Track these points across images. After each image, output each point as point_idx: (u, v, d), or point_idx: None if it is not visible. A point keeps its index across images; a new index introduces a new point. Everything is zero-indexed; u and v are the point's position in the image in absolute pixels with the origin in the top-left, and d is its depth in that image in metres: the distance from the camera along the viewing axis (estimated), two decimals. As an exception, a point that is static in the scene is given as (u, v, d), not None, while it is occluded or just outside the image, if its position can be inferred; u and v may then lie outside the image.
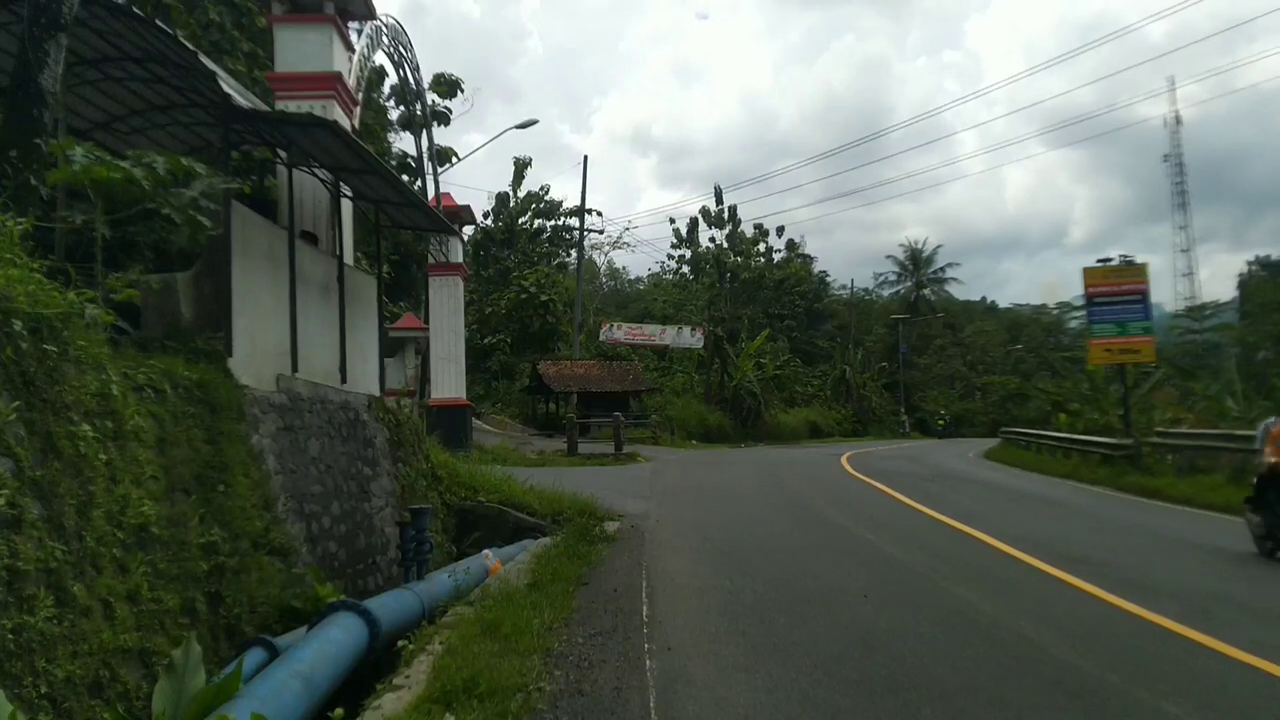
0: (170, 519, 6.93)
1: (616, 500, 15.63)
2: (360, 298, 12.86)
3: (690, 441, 41.83)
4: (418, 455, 13.62)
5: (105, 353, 6.79)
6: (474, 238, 55.27)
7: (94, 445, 6.20)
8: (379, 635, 7.26)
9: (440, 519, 13.68)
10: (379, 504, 11.50)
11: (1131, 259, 23.94)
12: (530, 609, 7.62)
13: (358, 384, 12.25)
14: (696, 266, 69.36)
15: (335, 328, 11.69)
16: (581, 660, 6.52)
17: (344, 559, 10.04)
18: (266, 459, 8.83)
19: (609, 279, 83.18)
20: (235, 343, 8.84)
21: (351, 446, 11.13)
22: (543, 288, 49.03)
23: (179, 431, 7.44)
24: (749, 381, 50.64)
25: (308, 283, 10.86)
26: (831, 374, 67.24)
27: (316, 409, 10.35)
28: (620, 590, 8.89)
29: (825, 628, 7.39)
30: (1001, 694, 5.70)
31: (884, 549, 11.14)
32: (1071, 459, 23.62)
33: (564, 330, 50.58)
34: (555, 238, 58.87)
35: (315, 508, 9.63)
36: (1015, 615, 7.72)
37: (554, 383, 42.93)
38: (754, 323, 63.28)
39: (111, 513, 6.21)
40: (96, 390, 6.43)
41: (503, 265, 54.42)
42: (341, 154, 10.26)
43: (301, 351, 10.33)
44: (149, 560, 6.50)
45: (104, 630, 5.81)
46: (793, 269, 73.71)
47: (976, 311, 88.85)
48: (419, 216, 13.29)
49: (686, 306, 64.64)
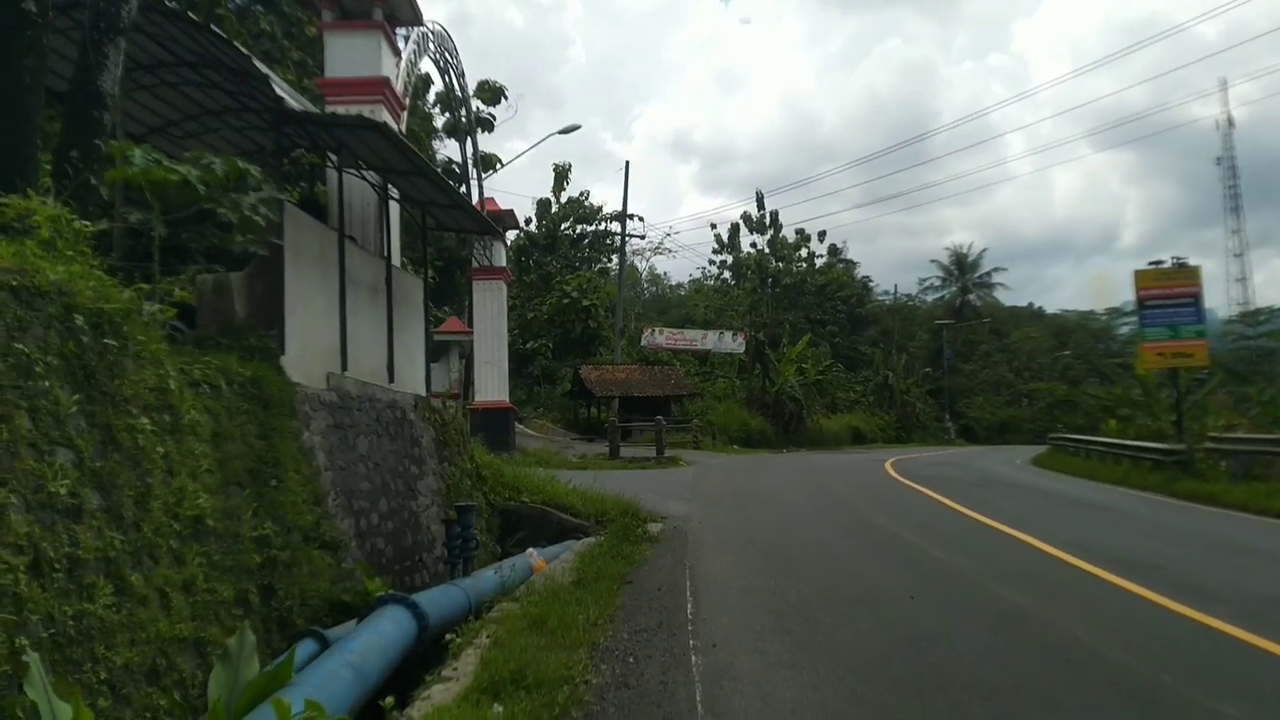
0: (225, 512, 7.06)
1: (659, 503, 15.65)
2: (407, 299, 13.03)
3: (732, 446, 41.71)
4: (463, 455, 13.75)
5: (163, 349, 6.95)
6: (516, 243, 55.66)
7: (152, 438, 6.35)
8: (427, 628, 7.34)
9: (484, 518, 13.78)
10: (425, 502, 11.62)
11: (1184, 261, 23.46)
12: (576, 605, 7.66)
13: (404, 384, 12.41)
14: (738, 272, 69.28)
15: (383, 328, 11.85)
16: (627, 655, 6.54)
17: (391, 555, 10.16)
18: (317, 455, 8.97)
19: (650, 284, 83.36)
20: (287, 341, 8.99)
21: (399, 445, 11.26)
22: (584, 293, 49.20)
23: (233, 427, 7.59)
24: (791, 387, 50.35)
25: (357, 283, 11.02)
26: (874, 379, 66.55)
27: (365, 407, 10.49)
28: (664, 589, 8.89)
29: (871, 628, 7.33)
30: (1052, 694, 5.63)
31: (930, 552, 11.03)
32: (1122, 465, 23.19)
33: (605, 335, 50.68)
34: (597, 243, 59.10)
35: (364, 504, 9.76)
36: (1066, 618, 7.61)
37: (595, 387, 43.02)
38: (795, 328, 62.97)
39: (168, 504, 6.34)
40: (154, 385, 6.58)
41: (545, 270, 54.73)
42: (390, 156, 10.41)
43: (350, 351, 10.49)
44: (204, 552, 6.63)
45: (160, 619, 5.93)
46: (835, 274, 73.31)
47: (1023, 317, 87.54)
48: (464, 219, 13.44)
49: (727, 312, 64.50)
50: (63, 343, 5.66)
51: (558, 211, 57.79)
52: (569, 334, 49.33)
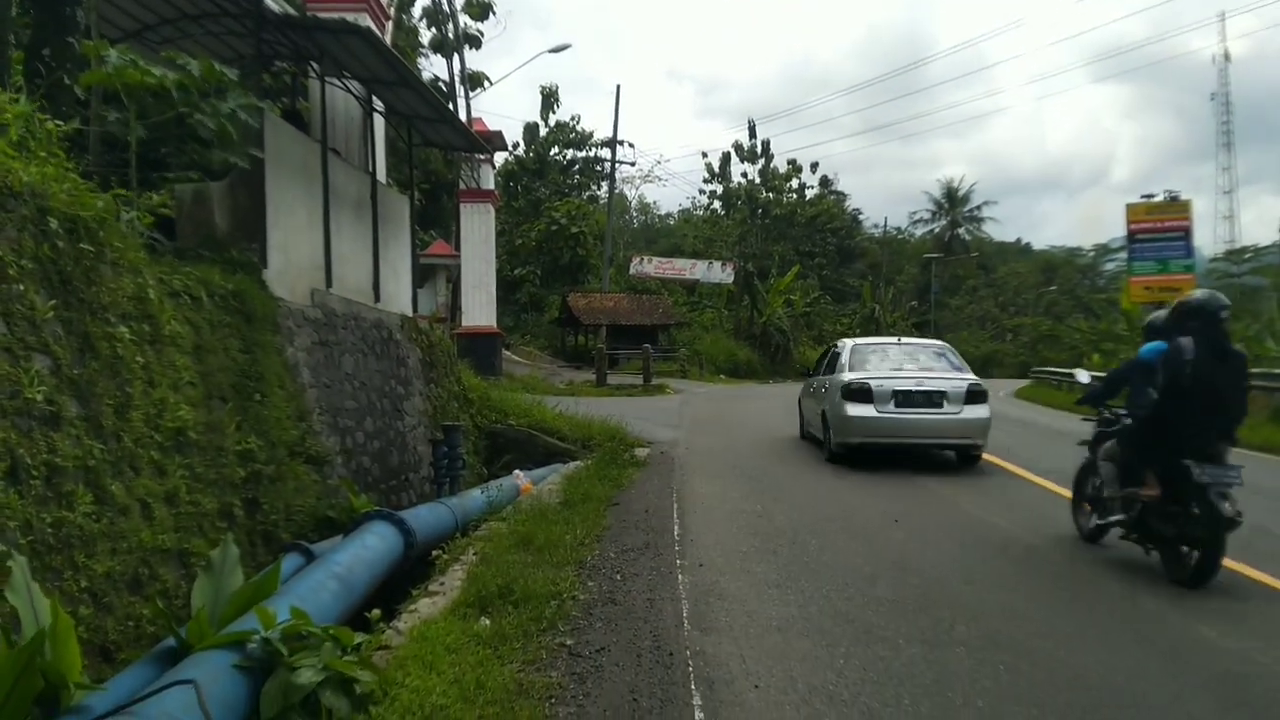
0: (207, 425, 6.96)
1: (646, 428, 15.64)
2: (393, 217, 12.77)
3: (718, 376, 41.78)
4: (449, 377, 13.64)
5: (142, 257, 6.78)
6: (505, 168, 54.84)
7: (131, 348, 6.21)
8: (414, 545, 7.32)
9: (471, 440, 13.75)
10: (412, 422, 11.55)
11: (1176, 195, 23.37)
12: (563, 525, 7.65)
13: (390, 303, 12.23)
14: (728, 202, 68.56)
15: (368, 245, 11.63)
16: (614, 573, 6.53)
17: (378, 474, 10.11)
18: (301, 372, 8.84)
19: (639, 214, 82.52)
20: (270, 255, 8.80)
21: (385, 364, 11.14)
22: (573, 219, 48.68)
23: (215, 340, 7.45)
24: (778, 318, 50.32)
25: (341, 198, 10.77)
26: (861, 312, 66.49)
27: (350, 325, 10.34)
28: (651, 511, 8.89)
29: (857, 550, 7.35)
30: (1038, 616, 5.67)
31: (915, 479, 11.07)
32: (1104, 398, 23.28)
33: (594, 263, 50.29)
34: (586, 169, 58.28)
35: (349, 423, 9.67)
36: (1046, 541, 7.68)
37: (583, 315, 42.86)
38: (784, 260, 62.63)
39: (149, 415, 6.23)
40: (133, 293, 6.42)
41: (533, 196, 54.02)
42: (374, 64, 10.08)
43: (335, 267, 10.29)
44: (186, 464, 6.54)
45: (143, 529, 5.87)
46: (825, 206, 72.67)
47: (1011, 253, 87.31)
48: (451, 134, 13.09)
49: (717, 242, 63.96)
50: (37, 246, 5.48)
51: (546, 136, 56.73)
52: (557, 261, 48.94)
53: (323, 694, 4.08)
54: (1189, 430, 6.36)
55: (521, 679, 4.46)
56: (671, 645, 4.99)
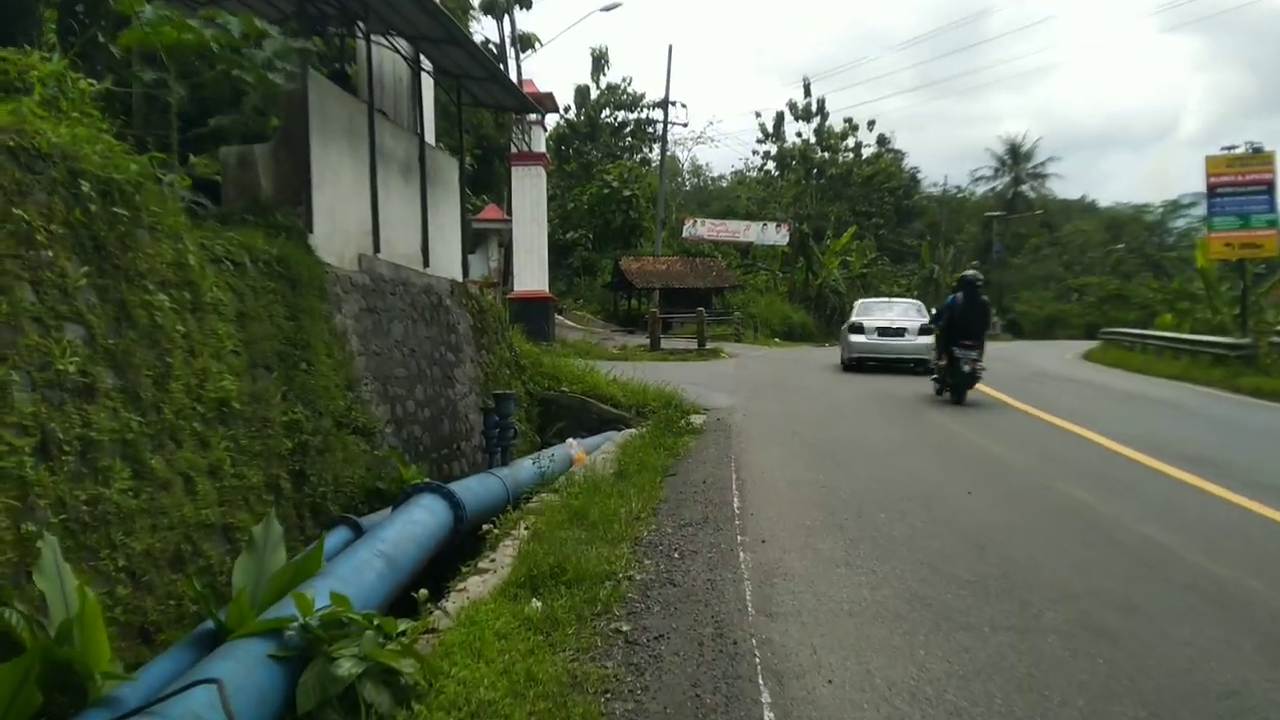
0: (252, 395, 6.75)
1: (701, 394, 15.28)
2: (442, 179, 12.47)
3: (773, 339, 41.16)
4: (501, 343, 13.39)
5: (181, 222, 6.54)
6: (556, 131, 54.43)
7: (171, 316, 5.99)
8: (463, 518, 7.07)
9: (524, 408, 13.51)
10: (463, 390, 11.32)
11: (1259, 147, 22.13)
12: (617, 498, 7.34)
13: (440, 268, 11.97)
14: (782, 163, 67.36)
15: (417, 209, 11.35)
16: (672, 550, 6.20)
17: (428, 444, 9.90)
18: (349, 339, 8.62)
19: (692, 176, 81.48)
20: (315, 219, 8.55)
21: (435, 331, 10.90)
22: (625, 182, 48.08)
23: (259, 307, 7.22)
24: (834, 280, 49.45)
25: (389, 161, 10.49)
26: (920, 273, 65.20)
27: (399, 291, 10.10)
28: (709, 482, 8.55)
29: (929, 524, 6.94)
30: (1130, 598, 5.22)
31: (987, 447, 10.58)
32: (1181, 359, 22.35)
33: (646, 226, 49.69)
34: (638, 132, 57.55)
35: (399, 391, 9.46)
36: (1137, 517, 7.16)
37: (636, 279, 42.41)
38: (840, 220, 61.38)
39: (190, 386, 6.02)
40: (172, 260, 6.19)
41: (585, 160, 53.52)
42: (421, 21, 9.74)
43: (383, 232, 10.03)
44: (230, 435, 6.34)
45: (185, 504, 5.67)
46: (882, 164, 70.96)
47: (1075, 210, 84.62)
48: (501, 94, 12.71)
49: (771, 204, 62.85)
50: (68, 210, 5.25)
51: (597, 98, 56.14)
52: (609, 224, 48.44)
53: (363, 687, 3.82)
54: (955, 335, 13.89)
55: (575, 669, 4.17)
56: (735, 632, 4.66)
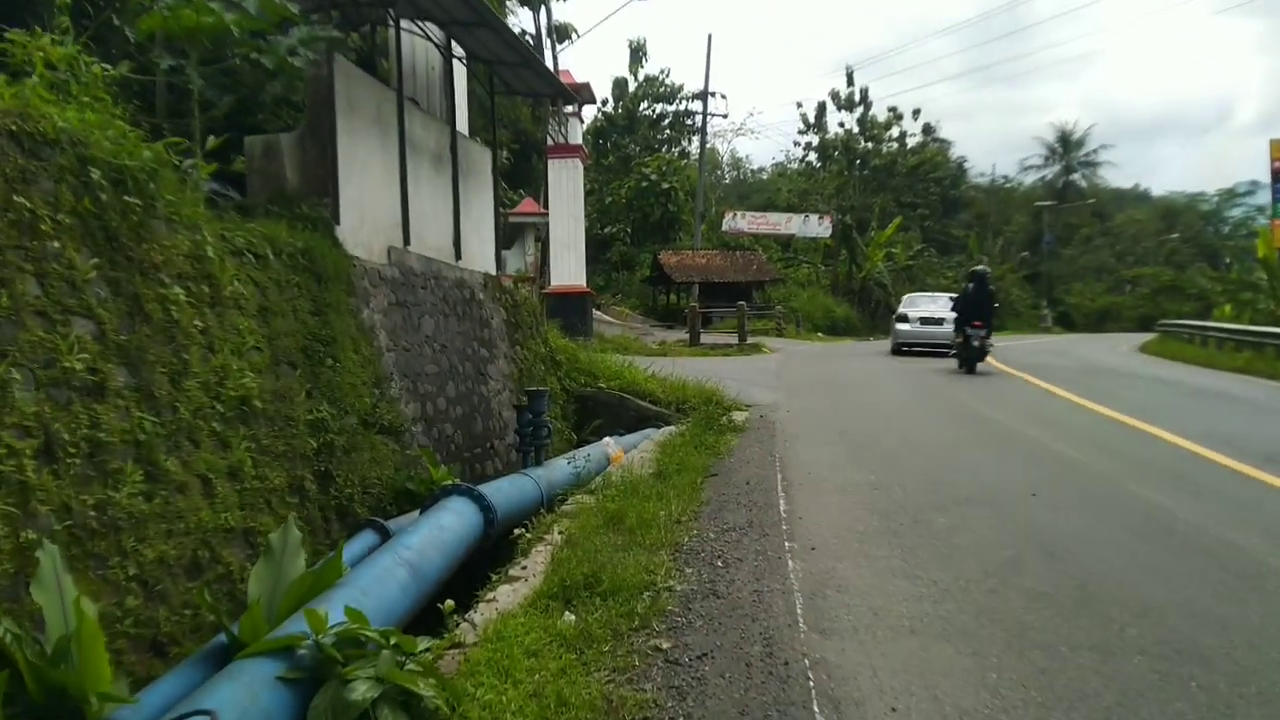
0: (275, 393, 6.47)
1: (743, 390, 14.86)
2: (474, 170, 12.17)
3: (816, 334, 40.57)
4: (536, 338, 13.07)
5: (200, 212, 6.27)
6: (594, 125, 54.09)
7: (187, 310, 5.72)
8: (494, 522, 6.74)
9: (559, 405, 13.19)
10: (496, 387, 11.02)
11: (1327, 131, 21.20)
12: (656, 500, 6.97)
13: (473, 261, 11.67)
14: (824, 153, 66.41)
15: (448, 200, 11.05)
16: (715, 558, 5.81)
17: (460, 442, 9.60)
18: (378, 335, 8.33)
19: (731, 168, 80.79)
20: (342, 210, 8.27)
21: (467, 326, 10.60)
22: (664, 175, 47.61)
23: (283, 301, 6.95)
24: (879, 272, 48.66)
25: (419, 151, 10.20)
26: (967, 265, 63.98)
27: (430, 285, 9.81)
28: (753, 483, 8.14)
29: (993, 530, 6.48)
30: (1221, 614, 4.73)
31: (1049, 445, 10.05)
32: (1244, 353, 21.46)
33: (685, 219, 49.24)
34: (677, 124, 57.03)
35: (430, 388, 9.16)
36: (1219, 522, 6.64)
37: (675, 273, 42.03)
38: (884, 211, 60.40)
39: (209, 384, 5.75)
40: (189, 252, 5.91)
41: (623, 153, 53.13)
42: (451, 3, 9.42)
43: (413, 224, 9.74)
44: (252, 435, 6.07)
45: (203, 508, 5.40)
46: (928, 154, 69.56)
47: (1127, 199, 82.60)
48: (534, 80, 12.36)
49: (812, 195, 61.99)
50: (76, 199, 4.98)
51: (636, 91, 55.63)
52: (648, 218, 48.02)
53: (379, 712, 3.49)
54: (967, 318, 17.85)
55: (610, 693, 3.80)
56: (786, 651, 4.26)
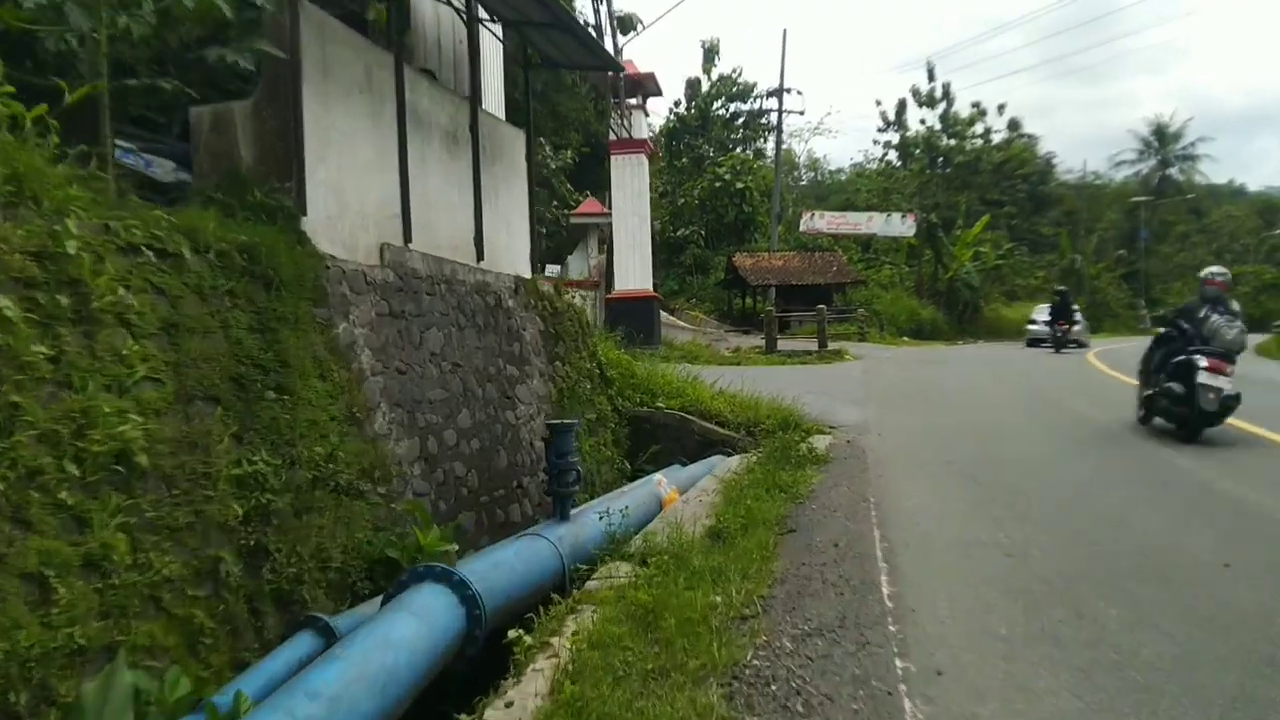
0: (179, 442, 4.72)
1: (825, 406, 12.84)
2: (503, 154, 10.36)
3: (901, 338, 38.09)
4: (582, 351, 11.22)
5: (70, 193, 4.56)
6: (667, 126, 52.56)
7: (25, 331, 3.99)
8: (482, 620, 4.87)
9: (611, 428, 11.32)
10: (528, 412, 9.20)
11: None
12: (709, 581, 5.04)
13: (500, 262, 9.86)
14: (904, 151, 63.63)
15: (467, 190, 9.25)
16: (790, 694, 3.84)
17: (475, 484, 7.80)
18: (359, 355, 6.57)
19: (808, 169, 78.11)
20: (311, 197, 6.53)
21: (490, 340, 8.81)
22: (737, 174, 45.69)
23: (206, 314, 5.20)
24: (966, 273, 45.87)
25: (426, 128, 8.44)
26: (1059, 264, 60.49)
27: (440, 290, 8.03)
28: (843, 545, 6.15)
29: (1192, 631, 4.39)
30: None
31: (1213, 482, 7.83)
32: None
33: (760, 221, 47.26)
34: (751, 123, 54.97)
35: (434, 418, 7.37)
36: None
37: (750, 275, 40.00)
38: (970, 210, 57.38)
39: (56, 435, 4.00)
40: (36, 248, 4.19)
41: (697, 154, 51.28)
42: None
43: (417, 216, 7.98)
44: (132, 504, 4.31)
45: (29, 623, 3.65)
46: (1014, 150, 66.29)
47: (1222, 195, 78.11)
48: (575, 49, 10.45)
49: (894, 194, 59.25)
50: None
51: (709, 91, 53.79)
52: (721, 219, 46.15)
53: None
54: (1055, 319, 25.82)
55: None
56: None
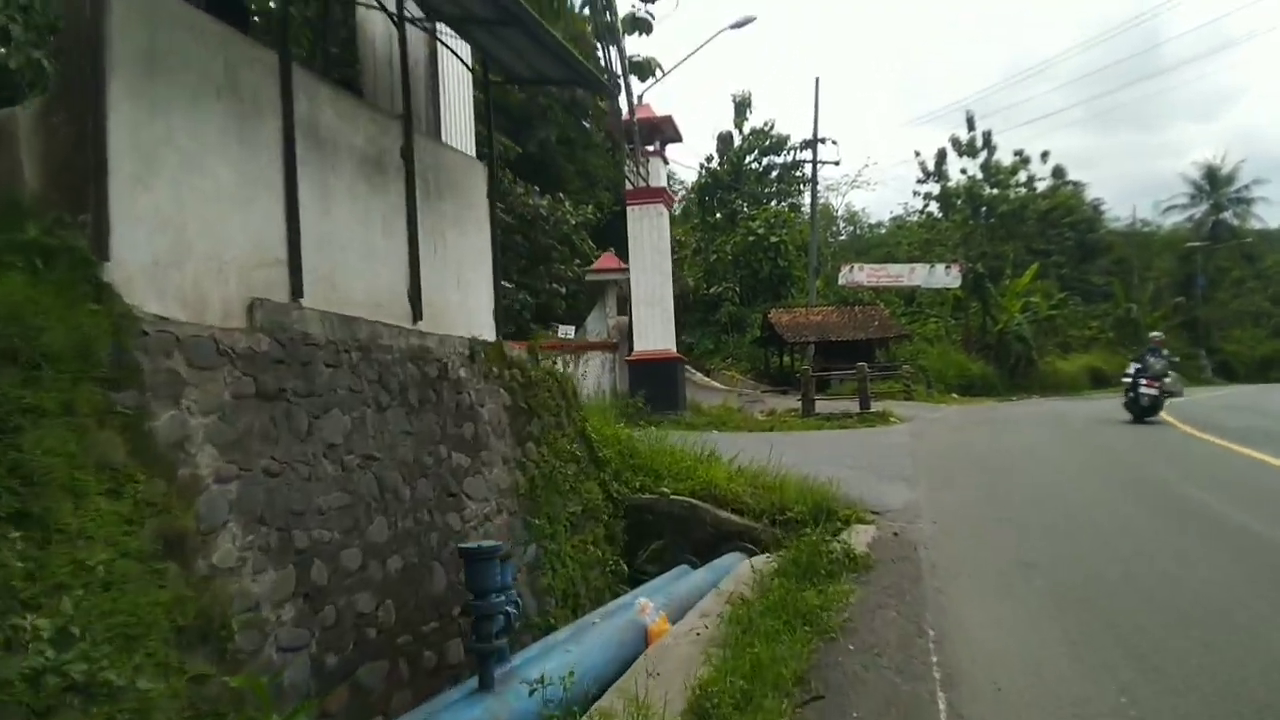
0: None
1: (865, 482, 10.76)
2: (454, 190, 8.39)
3: (950, 395, 35.59)
4: (564, 428, 9.19)
5: None
6: (699, 181, 51.29)
7: None
8: None
9: (604, 521, 9.26)
10: (481, 511, 7.17)
11: None
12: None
13: (448, 322, 7.88)
14: (945, 202, 61.76)
15: (399, 232, 7.33)
16: None
17: (390, 621, 5.78)
18: (194, 455, 4.64)
19: (847, 223, 76.25)
20: (121, 235, 4.67)
21: (428, 421, 6.85)
22: (771, 228, 43.96)
23: None
24: (1018, 325, 43.36)
25: (333, 151, 6.59)
26: (1114, 313, 57.82)
27: (349, 360, 6.11)
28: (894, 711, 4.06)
29: None
30: None
31: None
32: None
33: (797, 275, 45.34)
34: (785, 176, 53.46)
35: (325, 534, 5.40)
36: None
37: (787, 332, 37.91)
38: (1017, 260, 55.05)
39: None
40: None
41: (731, 209, 49.74)
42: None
43: (315, 264, 6.10)
44: None
45: None
46: (1060, 198, 64.18)
47: (1274, 239, 75.27)
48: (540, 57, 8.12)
49: (936, 246, 57.12)
50: None
51: (741, 145, 52.43)
52: (756, 274, 44.30)
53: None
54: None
55: None
56: None
